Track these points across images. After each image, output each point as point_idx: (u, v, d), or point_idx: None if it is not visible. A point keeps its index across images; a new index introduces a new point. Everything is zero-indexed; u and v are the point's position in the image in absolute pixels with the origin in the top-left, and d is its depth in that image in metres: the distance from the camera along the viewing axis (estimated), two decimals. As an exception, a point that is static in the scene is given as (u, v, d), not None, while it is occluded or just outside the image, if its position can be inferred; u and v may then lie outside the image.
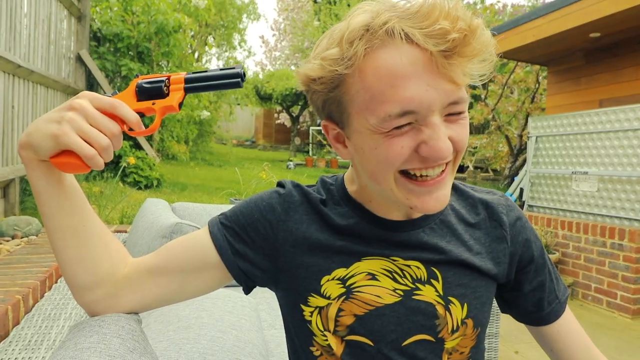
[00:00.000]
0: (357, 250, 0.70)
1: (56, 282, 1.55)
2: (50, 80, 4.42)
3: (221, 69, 0.64)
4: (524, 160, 6.90)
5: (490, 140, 8.50)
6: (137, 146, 6.39)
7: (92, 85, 6.46)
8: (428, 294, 0.69)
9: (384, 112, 0.58)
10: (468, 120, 0.64)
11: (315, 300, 0.69)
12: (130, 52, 6.78)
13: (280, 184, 0.77)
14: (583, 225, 3.99)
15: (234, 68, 0.63)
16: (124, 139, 0.65)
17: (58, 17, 4.83)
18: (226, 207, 2.19)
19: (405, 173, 0.62)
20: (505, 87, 7.62)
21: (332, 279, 0.69)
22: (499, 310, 2.12)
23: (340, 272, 0.69)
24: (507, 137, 7.57)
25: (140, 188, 5.59)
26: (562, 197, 4.46)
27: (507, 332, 2.24)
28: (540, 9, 4.71)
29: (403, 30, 0.56)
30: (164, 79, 0.63)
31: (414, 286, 0.69)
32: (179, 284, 0.69)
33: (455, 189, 0.79)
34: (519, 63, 7.14)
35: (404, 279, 0.69)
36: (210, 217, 0.76)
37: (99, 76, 6.08)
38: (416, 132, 0.59)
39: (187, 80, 0.63)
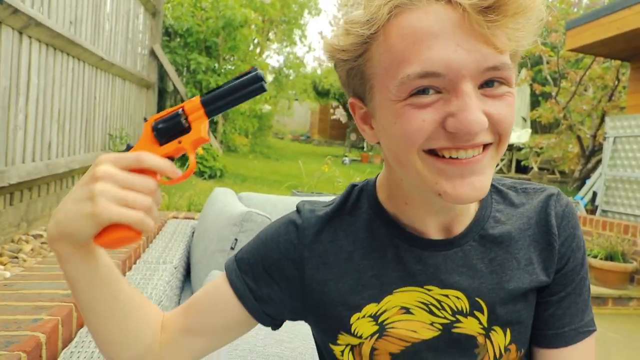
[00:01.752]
0: (388, 280, 0.63)
1: (135, 263, 1.64)
2: (127, 73, 4.69)
3: (236, 78, 0.56)
4: (597, 163, 6.47)
5: (559, 140, 8.06)
6: (202, 137, 6.63)
7: (162, 78, 6.79)
8: (470, 326, 0.63)
9: (403, 72, 0.50)
10: (514, 99, 0.54)
11: (346, 338, 0.65)
12: (199, 47, 7.04)
13: (297, 209, 0.70)
14: (666, 234, 3.68)
15: (249, 72, 0.56)
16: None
17: (135, 13, 5.10)
18: (288, 199, 2.22)
19: (432, 153, 0.53)
20: (580, 85, 7.17)
21: (363, 316, 0.64)
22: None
23: (371, 309, 0.63)
24: (578, 137, 7.15)
25: (204, 178, 5.81)
26: (643, 203, 4.14)
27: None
28: (624, 0, 4.37)
29: None
30: (178, 111, 0.56)
31: (454, 318, 0.63)
32: (212, 340, 0.67)
33: (499, 193, 0.69)
34: (597, 58, 6.68)
35: (442, 311, 0.63)
36: (274, 207, 0.72)
37: (170, 69, 6.37)
38: (443, 104, 0.51)
39: (205, 104, 0.56)
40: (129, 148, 0.56)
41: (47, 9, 2.72)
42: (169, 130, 0.56)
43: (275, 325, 0.70)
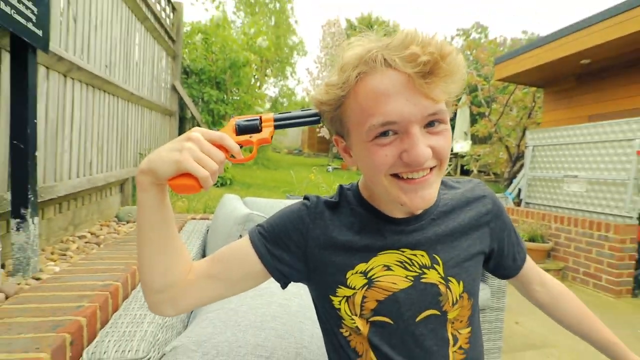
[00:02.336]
0: (374, 246, 0.67)
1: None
2: (153, 104, 4.63)
3: (302, 110, 0.64)
4: (521, 166, 6.58)
5: (492, 149, 8.17)
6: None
7: (182, 107, 6.71)
8: (432, 276, 0.68)
9: (370, 123, 0.57)
10: (450, 132, 0.60)
11: (343, 291, 0.67)
12: (210, 82, 6.99)
13: (306, 198, 0.74)
14: (573, 219, 3.76)
15: (310, 109, 0.64)
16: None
17: (159, 56, 5.06)
18: (283, 202, 2.21)
19: (395, 175, 0.60)
20: (506, 106, 7.29)
21: (356, 272, 0.67)
22: (504, 289, 2.03)
23: (361, 267, 0.67)
24: (506, 146, 7.24)
25: (217, 185, 5.75)
26: (555, 196, 4.22)
27: (509, 307, 2.16)
28: (538, 41, 4.48)
29: (385, 58, 0.56)
30: (257, 118, 0.63)
31: (421, 271, 0.67)
32: (229, 286, 0.68)
33: (445, 184, 0.77)
34: (518, 86, 6.81)
35: (412, 267, 0.68)
36: (273, 209, 0.75)
37: (188, 101, 6.31)
38: (399, 142, 0.57)
39: (276, 119, 0.63)
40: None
41: (86, 56, 2.68)
42: (247, 127, 0.63)
43: (284, 282, 0.71)
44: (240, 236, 1.52)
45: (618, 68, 4.06)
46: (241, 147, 0.62)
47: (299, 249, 0.69)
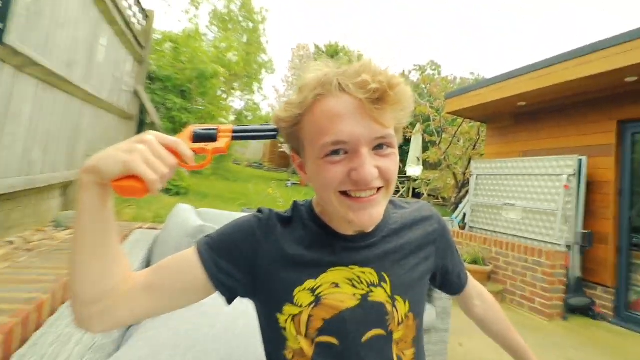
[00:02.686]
0: (323, 261, 0.67)
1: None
2: (112, 106, 4.36)
3: (261, 125, 0.65)
4: (467, 192, 6.94)
5: (441, 175, 8.56)
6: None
7: (142, 112, 6.39)
8: (380, 295, 0.68)
9: (323, 141, 0.59)
10: (397, 157, 0.63)
11: (289, 309, 0.66)
12: (175, 90, 6.75)
13: (259, 210, 0.73)
14: (511, 244, 3.98)
15: (269, 124, 0.65)
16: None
17: (124, 60, 4.80)
18: (238, 214, 2.12)
19: (344, 193, 0.61)
20: (454, 137, 7.72)
21: (304, 289, 0.66)
22: (449, 310, 2.07)
23: (310, 284, 0.66)
24: (454, 173, 7.62)
25: (171, 194, 5.47)
26: (495, 222, 4.46)
27: (453, 328, 2.20)
28: (483, 82, 4.81)
29: (339, 83, 0.59)
30: (215, 128, 0.63)
31: (369, 290, 0.67)
32: (168, 300, 0.64)
33: (394, 204, 0.79)
34: (465, 120, 7.25)
35: (360, 285, 0.68)
36: (227, 221, 0.72)
37: (149, 106, 6.01)
38: (348, 162, 0.59)
39: (234, 131, 0.64)
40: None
41: (46, 52, 2.47)
42: (204, 136, 0.63)
43: (229, 297, 0.69)
44: (191, 249, 1.43)
45: (549, 111, 4.45)
46: (195, 154, 0.61)
47: (248, 262, 0.67)
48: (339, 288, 0.66)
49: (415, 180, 10.00)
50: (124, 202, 3.71)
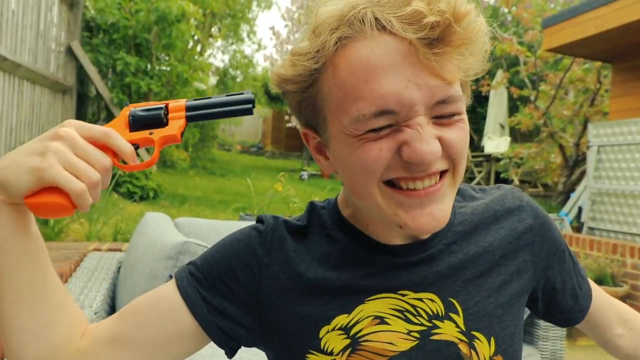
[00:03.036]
0: (358, 288, 0.68)
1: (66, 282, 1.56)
2: (38, 75, 4.53)
3: (228, 95, 0.65)
4: (582, 174, 6.79)
5: (541, 149, 8.38)
6: (132, 151, 6.47)
7: (82, 81, 6.59)
8: (448, 331, 0.68)
9: (358, 111, 0.58)
10: (467, 125, 0.63)
11: (315, 358, 0.67)
12: (127, 44, 6.90)
13: (259, 219, 0.75)
14: (657, 252, 3.89)
15: (242, 93, 0.65)
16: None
17: (48, 4, 4.96)
18: (237, 225, 2.19)
19: (390, 184, 0.61)
20: (560, 88, 7.53)
21: (333, 329, 0.67)
22: (561, 355, 2.07)
23: (341, 320, 0.67)
24: (561, 146, 7.46)
25: (134, 200, 5.64)
26: (631, 219, 4.35)
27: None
28: (605, -4, 4.66)
29: (376, 16, 0.57)
30: (162, 106, 0.63)
31: (430, 324, 0.68)
32: (146, 355, 0.66)
33: (461, 194, 0.79)
34: (576, 59, 7.06)
35: (418, 318, 0.68)
36: (219, 235, 0.75)
37: (91, 70, 6.20)
38: (396, 134, 0.59)
39: (188, 108, 0.64)
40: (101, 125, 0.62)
41: None
42: (145, 119, 0.62)
43: (230, 348, 0.70)
44: (171, 277, 1.49)
45: None
46: (137, 147, 0.62)
47: (249, 295, 0.69)
48: (386, 324, 0.67)
49: (498, 160, 9.87)
50: (70, 216, 3.87)
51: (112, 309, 1.78)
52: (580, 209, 5.13)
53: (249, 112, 0.64)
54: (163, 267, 1.56)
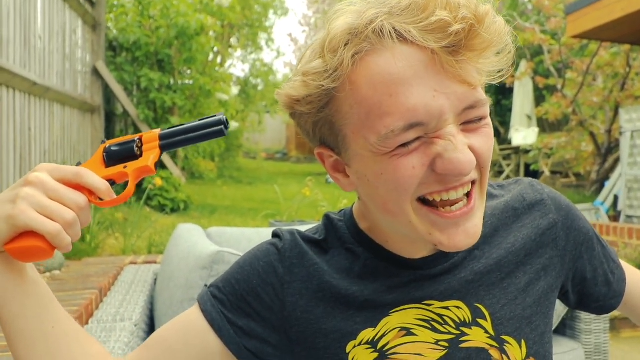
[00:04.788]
0: (382, 301, 0.68)
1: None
2: (67, 96, 4.66)
3: (200, 119, 0.65)
4: (616, 161, 6.62)
5: (571, 138, 8.21)
6: (161, 165, 6.59)
7: (109, 100, 6.75)
8: (477, 337, 0.67)
9: (385, 127, 0.56)
10: (491, 128, 0.62)
11: None
12: (149, 61, 7.04)
13: (275, 234, 0.75)
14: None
15: (214, 116, 0.65)
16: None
17: (72, 27, 5.11)
18: (267, 232, 2.21)
19: (424, 201, 0.60)
20: (587, 74, 7.36)
21: (360, 343, 0.67)
22: (606, 348, 2.02)
23: (367, 334, 0.67)
24: (592, 133, 7.30)
25: (166, 212, 5.74)
26: (670, 204, 4.23)
27: None
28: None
29: (394, 27, 0.55)
30: (135, 139, 0.65)
31: (458, 332, 0.67)
32: None
33: None
34: (603, 44, 6.90)
35: (445, 326, 0.67)
36: (250, 243, 0.75)
37: (117, 89, 6.35)
38: (427, 147, 0.57)
39: (162, 137, 0.64)
40: (78, 165, 0.64)
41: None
42: (119, 154, 0.64)
43: None
44: (206, 286, 1.52)
45: None
46: (113, 183, 0.64)
47: (274, 314, 0.69)
48: (413, 335, 0.66)
49: (527, 152, 9.69)
50: (105, 231, 3.96)
51: (151, 320, 1.82)
52: (616, 197, 5.00)
53: (221, 133, 0.64)
54: (198, 277, 1.58)
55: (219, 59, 11.22)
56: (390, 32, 0.55)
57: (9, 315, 0.61)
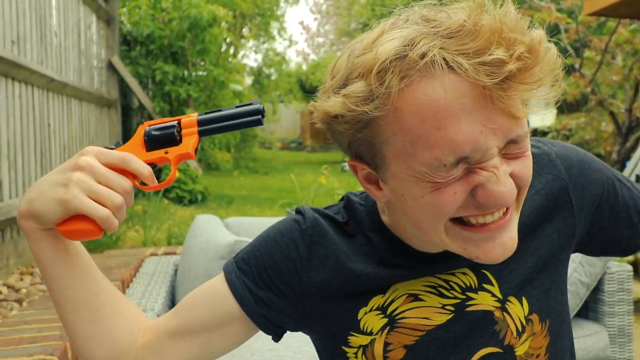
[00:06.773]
0: (396, 275, 0.70)
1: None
2: (84, 92, 4.71)
3: (237, 106, 0.66)
4: (637, 140, 6.50)
5: (590, 118, 8.09)
6: (177, 157, 6.64)
7: (125, 93, 6.81)
8: (484, 300, 0.69)
9: (435, 159, 0.55)
10: (530, 152, 0.61)
11: (357, 339, 0.70)
12: (163, 54, 7.08)
13: (298, 211, 0.76)
14: None
15: (251, 104, 0.65)
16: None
17: (86, 22, 5.14)
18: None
19: (458, 220, 0.60)
20: (606, 52, 7.20)
21: (370, 309, 0.69)
22: (630, 330, 1.99)
23: (377, 301, 0.69)
24: (611, 113, 7.15)
25: (184, 204, 5.80)
26: (694, 183, 4.14)
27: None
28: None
29: (445, 60, 0.53)
30: (174, 123, 0.65)
31: (464, 296, 0.69)
32: (202, 345, 0.71)
33: None
34: (622, 21, 6.74)
35: (451, 292, 0.69)
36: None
37: (132, 83, 6.40)
38: (470, 175, 0.57)
39: (200, 123, 0.65)
40: (117, 146, 0.66)
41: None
42: (160, 138, 0.65)
43: (277, 334, 0.75)
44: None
45: None
46: (154, 167, 0.65)
47: (292, 289, 0.71)
48: (420, 301, 0.69)
49: (545, 134, 9.57)
50: (124, 223, 4.01)
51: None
52: (637, 177, 4.91)
53: (258, 122, 0.65)
54: (217, 267, 1.60)
55: (231, 50, 11.22)
56: (441, 64, 0.53)
57: (57, 285, 0.66)
